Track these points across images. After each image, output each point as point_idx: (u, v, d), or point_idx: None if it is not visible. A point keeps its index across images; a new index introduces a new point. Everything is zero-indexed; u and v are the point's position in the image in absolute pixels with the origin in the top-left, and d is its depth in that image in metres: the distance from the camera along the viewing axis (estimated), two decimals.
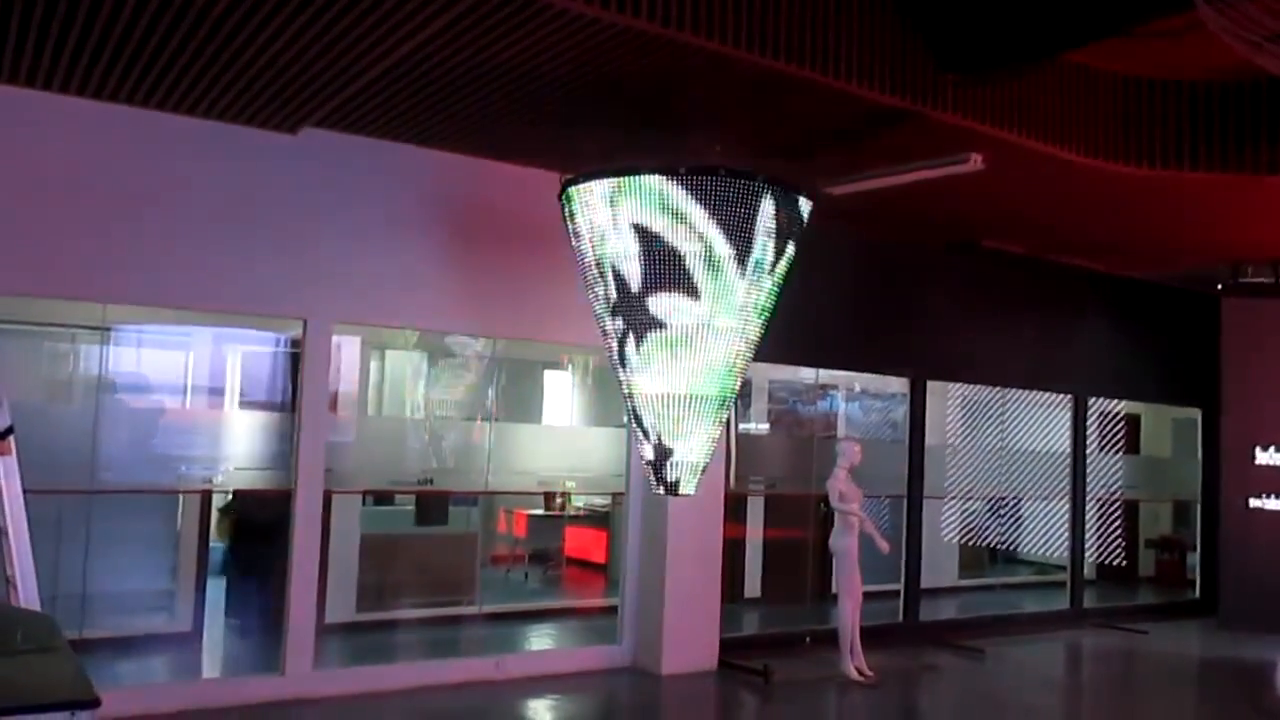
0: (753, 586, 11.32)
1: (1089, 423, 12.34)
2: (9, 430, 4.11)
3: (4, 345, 8.08)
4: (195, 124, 7.00)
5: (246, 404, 9.44)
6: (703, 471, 6.59)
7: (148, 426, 7.76)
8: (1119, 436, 13.17)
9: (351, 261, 7.57)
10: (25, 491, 4.17)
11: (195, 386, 9.17)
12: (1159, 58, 7.14)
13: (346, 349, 9.40)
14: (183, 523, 8.56)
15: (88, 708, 2.31)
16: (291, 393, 7.82)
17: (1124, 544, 13.56)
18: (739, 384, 6.67)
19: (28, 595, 3.98)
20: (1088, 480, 12.23)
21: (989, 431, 12.32)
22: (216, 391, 9.42)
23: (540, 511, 12.53)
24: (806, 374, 11.19)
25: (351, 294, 7.57)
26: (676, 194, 6.09)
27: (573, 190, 6.48)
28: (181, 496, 8.26)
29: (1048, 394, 12.21)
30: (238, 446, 7.92)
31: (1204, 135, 7.58)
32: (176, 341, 8.92)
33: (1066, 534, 12.13)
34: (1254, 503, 11.76)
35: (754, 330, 6.48)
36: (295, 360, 7.73)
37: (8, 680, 2.69)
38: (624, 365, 6.49)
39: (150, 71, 6.15)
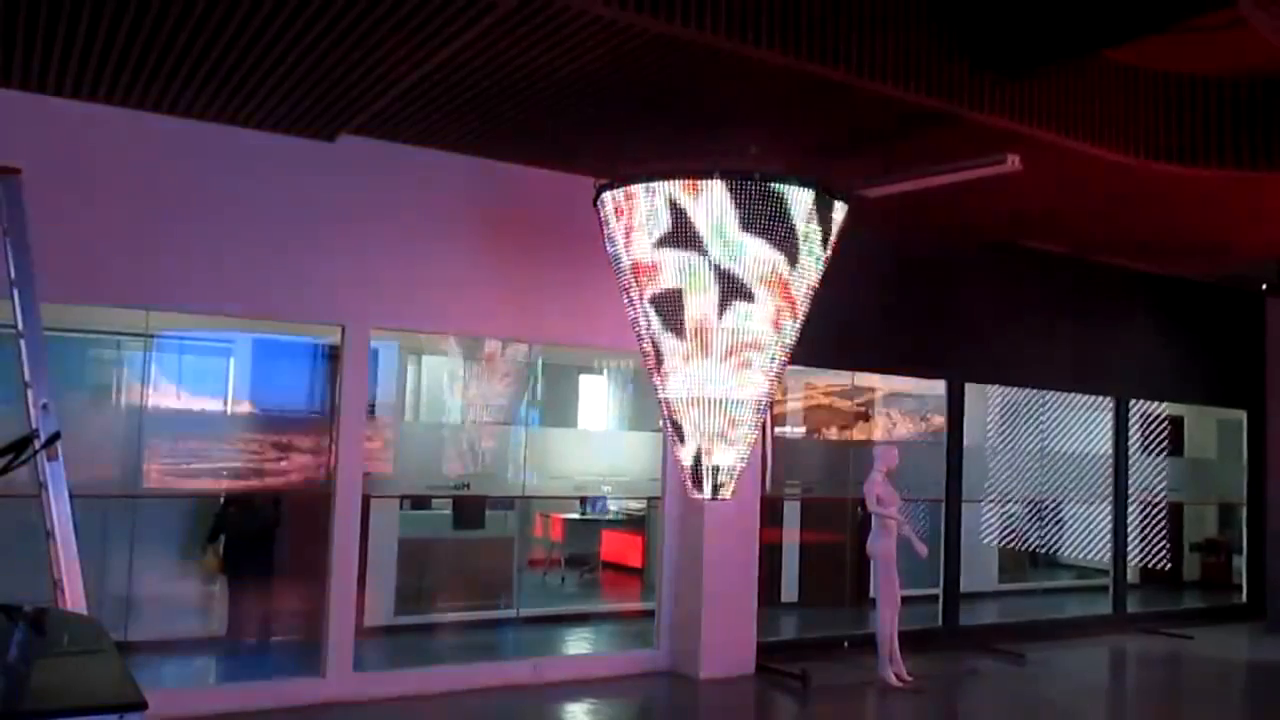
0: (790, 591, 11.27)
1: (1131, 425, 12.17)
2: (56, 436, 4.17)
3: (50, 352, 8.20)
4: (234, 132, 7.10)
5: (288, 409, 9.51)
6: (738, 475, 6.56)
7: (190, 432, 7.85)
8: (1162, 438, 12.98)
9: (388, 267, 7.63)
10: (72, 496, 4.23)
11: (237, 392, 9.25)
12: (1199, 54, 7.03)
13: (384, 354, 9.46)
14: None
15: (135, 710, 2.32)
16: (330, 398, 7.88)
17: (1168, 547, 13.36)
18: (775, 388, 6.64)
19: (74, 598, 4.03)
20: (1130, 483, 12.06)
21: (1029, 434, 12.19)
22: (258, 397, 9.51)
23: (576, 515, 12.56)
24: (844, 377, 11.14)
25: (388, 299, 7.64)
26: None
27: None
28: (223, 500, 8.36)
29: (1089, 396, 12.05)
30: (284, 452, 7.98)
31: (1246, 132, 7.45)
32: (219, 348, 9.02)
33: (1109, 537, 11.97)
34: None
35: (790, 335, 6.44)
36: (333, 365, 7.80)
37: (55, 683, 2.71)
38: (663, 367, 6.46)
39: (191, 81, 6.24)
